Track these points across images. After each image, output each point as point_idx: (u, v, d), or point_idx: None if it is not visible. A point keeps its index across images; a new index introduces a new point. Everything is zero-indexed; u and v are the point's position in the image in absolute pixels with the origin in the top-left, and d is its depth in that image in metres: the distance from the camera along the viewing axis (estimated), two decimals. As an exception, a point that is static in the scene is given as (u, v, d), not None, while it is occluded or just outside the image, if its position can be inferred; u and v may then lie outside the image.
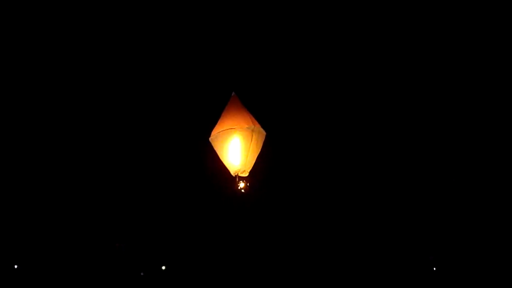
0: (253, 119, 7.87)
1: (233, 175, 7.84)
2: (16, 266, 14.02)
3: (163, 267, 13.01)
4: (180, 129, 8.49)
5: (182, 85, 8.79)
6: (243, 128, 7.73)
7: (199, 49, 8.91)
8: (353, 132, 9.52)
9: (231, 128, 7.75)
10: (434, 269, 10.67)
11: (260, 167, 7.75)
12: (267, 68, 8.86)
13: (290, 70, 9.29)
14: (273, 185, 8.31)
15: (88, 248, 12.70)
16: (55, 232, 13.01)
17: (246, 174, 7.84)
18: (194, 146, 8.24)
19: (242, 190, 7.78)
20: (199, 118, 8.35)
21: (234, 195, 7.72)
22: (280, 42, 9.05)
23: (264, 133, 7.92)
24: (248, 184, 7.75)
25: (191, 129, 8.45)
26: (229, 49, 8.59)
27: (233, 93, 8.04)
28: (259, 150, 7.88)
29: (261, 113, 7.87)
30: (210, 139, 7.91)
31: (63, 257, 13.27)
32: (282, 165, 8.43)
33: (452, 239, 10.56)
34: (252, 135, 7.78)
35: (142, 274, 13.38)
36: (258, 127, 7.85)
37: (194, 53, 8.91)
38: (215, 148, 7.87)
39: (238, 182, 7.79)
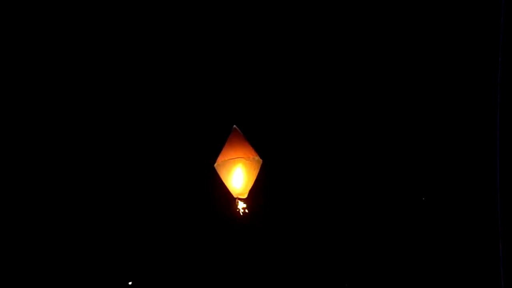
0: (253, 150, 9.31)
1: (235, 197, 9.27)
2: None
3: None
4: (186, 156, 9.79)
5: (189, 116, 10.11)
6: (247, 158, 9.16)
7: (204, 83, 10.23)
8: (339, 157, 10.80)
9: (236, 158, 9.18)
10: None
11: (255, 189, 9.21)
12: (262, 104, 10.20)
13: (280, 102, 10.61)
14: (266, 203, 9.70)
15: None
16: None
17: (245, 196, 9.28)
18: (199, 171, 9.58)
19: (242, 210, 9.22)
20: (204, 147, 9.68)
21: (234, 214, 9.16)
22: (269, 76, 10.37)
23: (261, 161, 9.37)
24: (246, 204, 9.19)
25: (196, 156, 9.77)
26: (229, 89, 9.99)
27: (234, 126, 9.47)
28: (256, 175, 9.32)
29: (256, 142, 9.33)
30: (215, 165, 9.33)
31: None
32: (274, 187, 9.82)
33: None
34: (252, 164, 9.22)
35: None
36: (257, 157, 9.29)
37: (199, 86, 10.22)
38: (220, 174, 9.27)
39: (238, 202, 9.23)
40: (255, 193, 9.17)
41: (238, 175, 9.18)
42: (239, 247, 9.69)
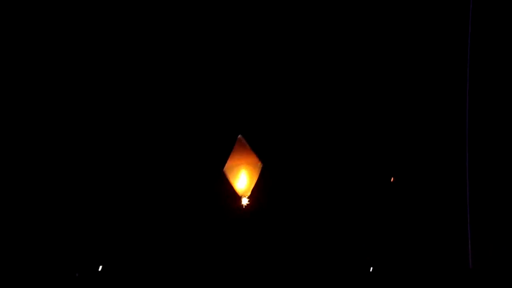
0: (255, 156, 11.41)
1: (239, 195, 11.40)
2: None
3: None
4: (201, 162, 11.80)
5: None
6: (249, 164, 11.27)
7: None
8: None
9: (241, 164, 11.29)
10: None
11: (256, 189, 11.36)
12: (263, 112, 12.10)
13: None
14: (265, 200, 11.80)
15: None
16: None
17: (248, 194, 11.40)
18: (210, 173, 11.64)
19: (244, 205, 11.36)
20: (213, 153, 11.72)
21: (239, 208, 11.31)
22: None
23: (261, 165, 11.46)
24: (249, 201, 11.33)
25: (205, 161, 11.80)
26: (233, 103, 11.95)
27: (239, 136, 11.54)
28: (257, 177, 11.42)
29: (258, 148, 11.43)
30: (224, 169, 11.45)
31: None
32: (271, 187, 11.89)
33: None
34: (254, 168, 11.34)
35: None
36: (258, 161, 11.39)
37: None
38: (228, 177, 11.41)
39: (242, 199, 11.37)
40: (256, 192, 11.32)
41: (242, 178, 11.32)
42: (242, 235, 11.71)
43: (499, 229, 11.50)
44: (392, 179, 12.80)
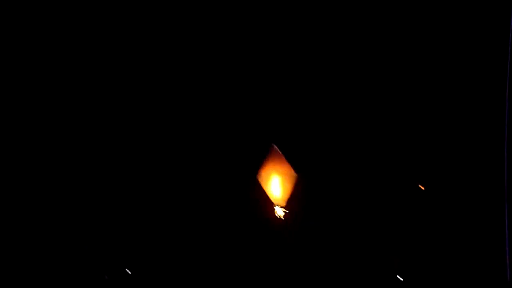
0: (289, 165, 11.13)
1: (274, 204, 11.13)
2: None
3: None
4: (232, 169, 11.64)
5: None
6: (283, 173, 11.01)
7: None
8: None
9: (275, 173, 11.02)
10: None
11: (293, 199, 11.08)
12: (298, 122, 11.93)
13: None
14: (302, 210, 11.54)
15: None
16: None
17: (283, 204, 11.13)
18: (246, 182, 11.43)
19: (281, 216, 11.10)
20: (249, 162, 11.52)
21: (274, 218, 11.05)
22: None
23: (296, 175, 11.18)
24: (285, 211, 11.06)
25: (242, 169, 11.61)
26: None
27: (272, 145, 11.27)
28: (292, 187, 11.14)
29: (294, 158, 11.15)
30: (257, 177, 11.18)
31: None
32: (309, 199, 11.63)
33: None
34: (288, 178, 11.06)
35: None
36: (293, 172, 11.10)
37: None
38: (262, 185, 11.15)
39: (275, 209, 11.11)
40: (293, 202, 11.05)
41: (276, 185, 11.03)
42: (276, 244, 11.52)
43: None
44: (422, 187, 12.59)
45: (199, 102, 11.77)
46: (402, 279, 12.77)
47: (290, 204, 11.13)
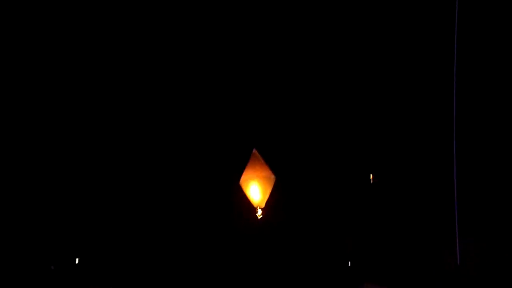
0: (269, 169, 12.08)
1: (255, 206, 12.07)
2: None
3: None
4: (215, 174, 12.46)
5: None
6: (263, 177, 11.94)
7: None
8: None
9: (255, 177, 11.94)
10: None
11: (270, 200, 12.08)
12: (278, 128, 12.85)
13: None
14: (278, 210, 12.56)
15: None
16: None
17: (263, 205, 12.09)
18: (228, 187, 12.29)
19: (260, 216, 12.06)
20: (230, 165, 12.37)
21: (254, 218, 12.01)
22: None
23: (274, 178, 12.16)
24: (262, 212, 12.05)
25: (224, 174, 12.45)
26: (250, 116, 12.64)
27: (254, 149, 12.17)
28: (271, 189, 12.13)
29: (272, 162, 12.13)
30: (240, 182, 12.07)
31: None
32: (285, 198, 12.66)
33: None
34: (268, 181, 12.02)
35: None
36: (272, 174, 12.06)
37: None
38: (243, 189, 12.05)
39: (257, 210, 12.06)
40: (271, 203, 12.04)
41: (255, 190, 12.00)
42: (258, 242, 12.50)
43: (485, 227, 12.61)
44: (374, 178, 13.82)
45: (183, 110, 12.49)
46: (350, 264, 14.07)
47: (269, 205, 12.14)
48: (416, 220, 13.38)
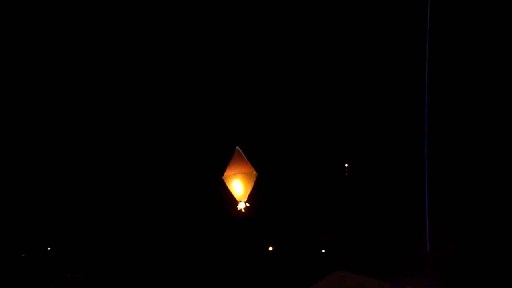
0: (250, 165, 12.67)
1: (237, 200, 12.67)
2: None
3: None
4: (200, 170, 13.02)
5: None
6: (245, 173, 12.53)
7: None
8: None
9: (238, 173, 12.52)
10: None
11: (252, 195, 12.69)
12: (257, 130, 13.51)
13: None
14: (259, 205, 13.23)
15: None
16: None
17: (245, 200, 12.70)
18: (212, 182, 12.87)
19: (242, 209, 12.67)
20: (216, 162, 12.96)
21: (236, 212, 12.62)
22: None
23: (256, 173, 12.75)
24: (246, 205, 12.66)
25: (209, 170, 13.02)
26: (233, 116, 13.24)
27: (237, 147, 12.74)
28: (253, 184, 12.73)
29: (253, 159, 12.72)
30: (223, 177, 12.64)
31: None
32: (264, 194, 13.31)
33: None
34: (250, 176, 12.62)
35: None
36: (253, 171, 12.66)
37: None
38: (227, 184, 12.64)
39: (239, 204, 12.66)
40: (252, 197, 12.65)
41: (238, 185, 12.59)
42: (240, 233, 13.17)
43: (455, 216, 13.53)
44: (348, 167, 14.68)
45: (171, 110, 13.02)
46: (324, 251, 14.93)
47: (250, 199, 12.74)
48: (388, 209, 14.28)
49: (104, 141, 13.63)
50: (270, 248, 15.77)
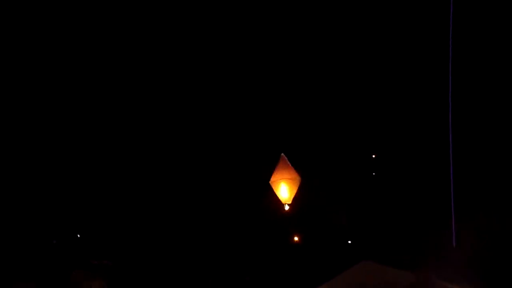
0: (295, 171, 13.97)
1: (283, 202, 13.99)
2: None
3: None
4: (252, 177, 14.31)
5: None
6: (289, 178, 13.84)
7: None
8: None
9: (283, 178, 13.83)
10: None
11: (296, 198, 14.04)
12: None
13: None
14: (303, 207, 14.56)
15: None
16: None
17: (290, 202, 14.01)
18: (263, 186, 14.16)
19: (287, 210, 14.02)
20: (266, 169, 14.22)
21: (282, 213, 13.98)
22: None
23: (300, 178, 14.06)
24: (290, 207, 14.00)
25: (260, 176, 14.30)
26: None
27: (282, 154, 14.01)
28: (297, 188, 14.04)
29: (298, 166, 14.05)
30: (270, 182, 13.93)
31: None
32: (309, 198, 14.64)
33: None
34: (294, 182, 13.93)
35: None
36: (297, 176, 13.96)
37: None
38: (273, 188, 13.94)
39: (284, 206, 13.99)
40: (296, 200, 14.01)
41: (284, 189, 13.90)
42: (285, 230, 14.49)
43: (480, 211, 14.37)
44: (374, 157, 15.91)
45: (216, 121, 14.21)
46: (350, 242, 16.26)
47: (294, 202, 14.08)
48: (413, 201, 15.50)
49: (150, 137, 14.56)
50: (296, 239, 17.07)
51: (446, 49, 13.17)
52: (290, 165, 14.00)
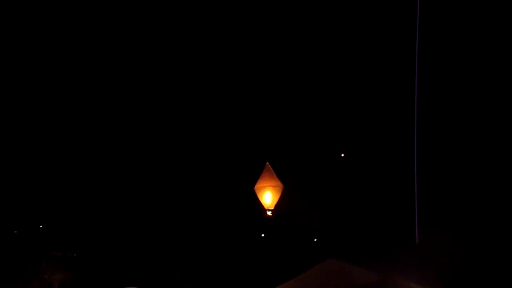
0: (278, 179, 14.92)
1: (266, 208, 14.94)
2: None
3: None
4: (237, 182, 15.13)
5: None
6: (273, 185, 14.79)
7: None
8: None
9: (267, 185, 14.77)
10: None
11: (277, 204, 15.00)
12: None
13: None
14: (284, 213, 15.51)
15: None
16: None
17: (272, 208, 14.98)
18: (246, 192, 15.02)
19: (269, 215, 14.97)
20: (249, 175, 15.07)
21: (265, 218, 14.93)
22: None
23: (282, 186, 15.01)
24: (272, 213, 14.95)
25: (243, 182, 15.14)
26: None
27: (267, 163, 14.93)
28: (279, 195, 15.02)
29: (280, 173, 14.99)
30: (254, 188, 14.85)
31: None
32: (289, 203, 15.59)
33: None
34: (277, 189, 14.90)
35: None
36: (280, 184, 14.92)
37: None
38: (257, 194, 14.87)
39: (267, 211, 14.95)
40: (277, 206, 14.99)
41: (267, 195, 14.86)
42: (267, 233, 15.40)
43: (445, 209, 14.92)
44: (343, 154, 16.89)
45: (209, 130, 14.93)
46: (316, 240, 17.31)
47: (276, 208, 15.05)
48: (378, 200, 16.41)
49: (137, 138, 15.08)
50: (262, 235, 17.94)
51: (413, 50, 13.95)
52: (274, 173, 14.92)
